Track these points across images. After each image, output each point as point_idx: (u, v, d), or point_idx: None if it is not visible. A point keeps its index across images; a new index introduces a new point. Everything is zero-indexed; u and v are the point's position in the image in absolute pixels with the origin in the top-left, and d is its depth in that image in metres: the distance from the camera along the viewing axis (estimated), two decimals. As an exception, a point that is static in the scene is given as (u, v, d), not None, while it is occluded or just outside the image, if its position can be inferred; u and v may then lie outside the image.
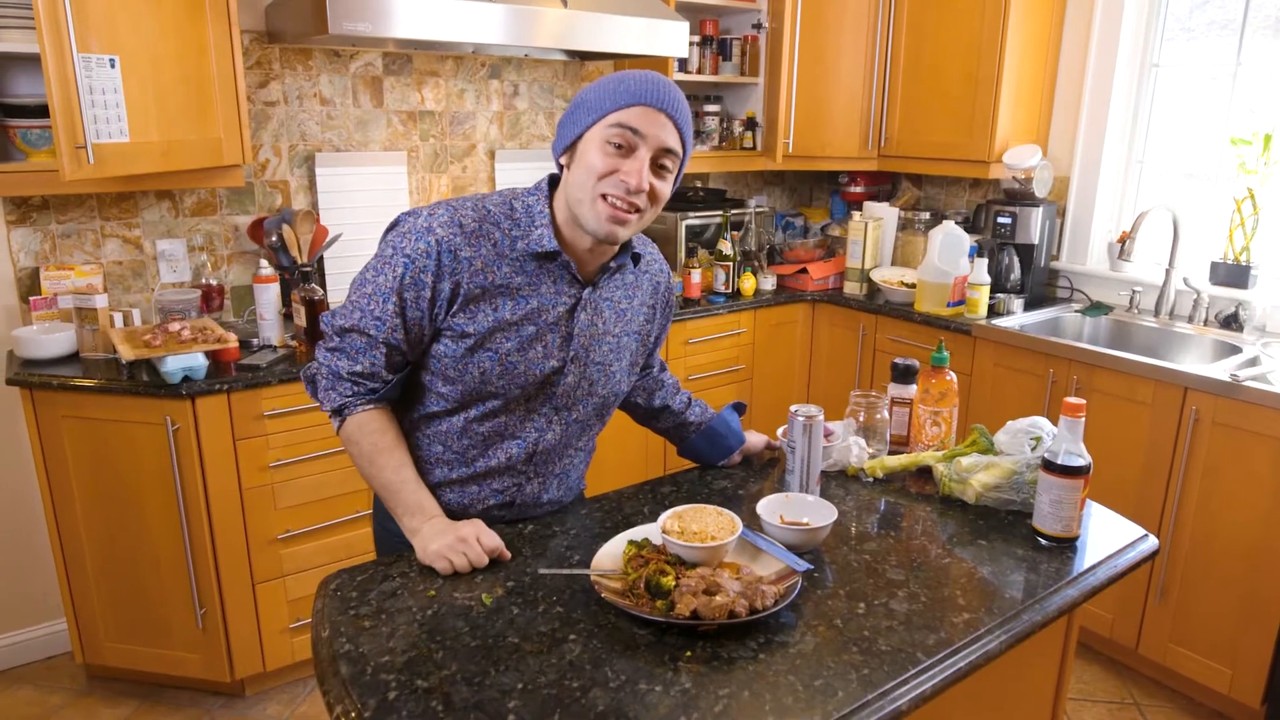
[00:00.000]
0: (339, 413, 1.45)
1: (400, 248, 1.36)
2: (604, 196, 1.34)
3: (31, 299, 2.54)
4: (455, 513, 1.50)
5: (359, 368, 1.41)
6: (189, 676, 2.58)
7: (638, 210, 1.36)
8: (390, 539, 1.54)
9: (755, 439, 1.82)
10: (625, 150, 1.33)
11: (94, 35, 2.05)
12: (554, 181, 1.46)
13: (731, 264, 3.51)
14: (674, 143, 1.36)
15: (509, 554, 1.39)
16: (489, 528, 1.40)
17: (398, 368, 1.44)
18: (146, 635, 2.53)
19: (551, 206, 1.43)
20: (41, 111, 2.31)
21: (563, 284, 1.44)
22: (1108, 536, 1.52)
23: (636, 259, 1.53)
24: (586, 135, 1.36)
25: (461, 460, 1.50)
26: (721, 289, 3.53)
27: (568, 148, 1.39)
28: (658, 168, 1.36)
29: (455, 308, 1.39)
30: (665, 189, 1.39)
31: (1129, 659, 2.81)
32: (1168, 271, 3.09)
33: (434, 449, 1.50)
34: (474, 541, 1.35)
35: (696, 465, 1.80)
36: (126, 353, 2.30)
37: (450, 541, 1.35)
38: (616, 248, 1.46)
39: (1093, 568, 1.42)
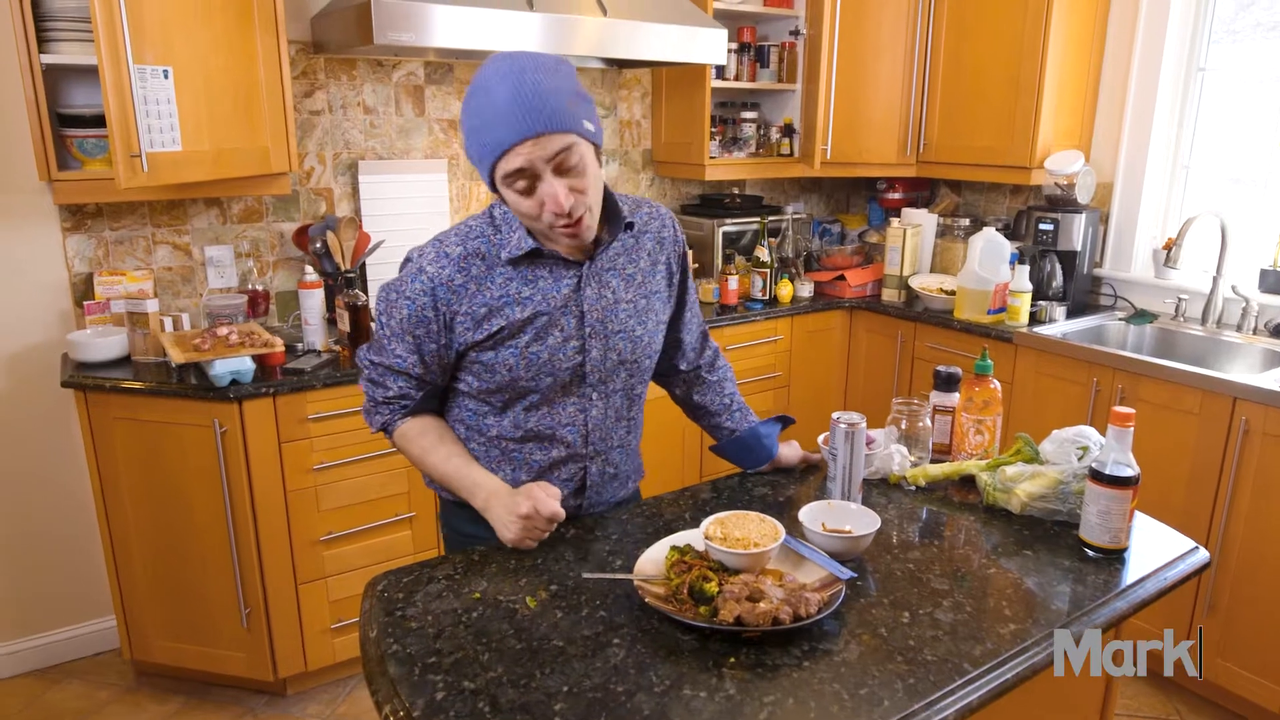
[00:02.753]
0: (385, 431, 1.59)
1: (401, 290, 1.44)
2: (550, 226, 1.37)
3: (85, 303, 2.61)
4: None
5: (391, 394, 1.53)
6: (233, 675, 2.63)
7: (582, 216, 1.37)
8: (458, 539, 1.61)
9: (789, 452, 1.79)
10: (530, 186, 1.33)
11: (149, 47, 2.11)
12: None
13: (769, 271, 3.51)
14: (562, 143, 1.31)
15: (563, 513, 1.45)
16: (543, 492, 1.44)
17: (429, 390, 1.54)
18: (193, 633, 2.58)
19: None
20: (97, 121, 2.37)
21: (559, 269, 1.47)
22: (1156, 549, 1.50)
23: (629, 226, 1.52)
24: (497, 186, 1.37)
25: (523, 463, 1.53)
26: (759, 296, 3.52)
27: (492, 190, 1.41)
28: (566, 170, 1.33)
29: (467, 329, 1.44)
30: (587, 179, 1.36)
31: (1176, 675, 2.75)
32: (1215, 279, 3.04)
33: (491, 457, 1.55)
34: (537, 519, 1.42)
35: (737, 471, 1.80)
36: (176, 356, 2.35)
37: (517, 534, 1.43)
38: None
39: (1141, 580, 1.40)
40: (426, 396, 1.54)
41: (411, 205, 3.14)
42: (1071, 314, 3.24)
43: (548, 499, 1.42)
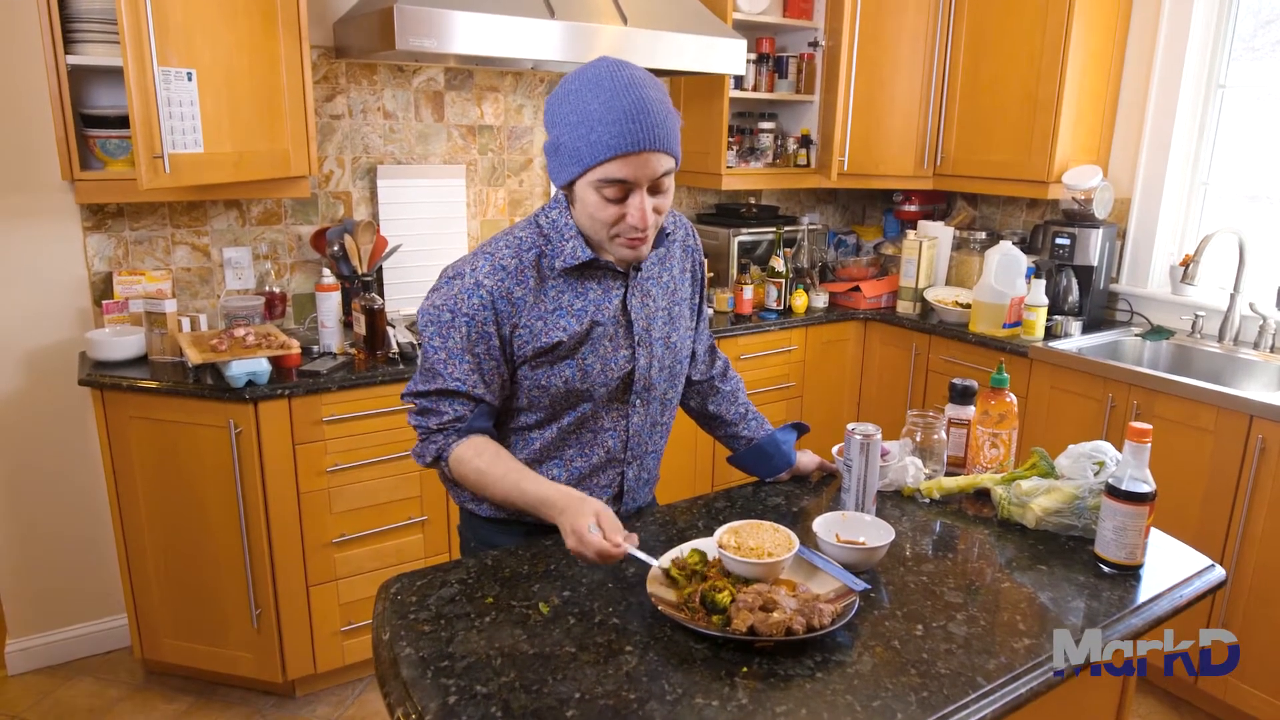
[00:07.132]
0: (440, 460, 1.48)
1: (457, 309, 1.40)
2: (616, 236, 1.38)
3: (104, 302, 2.63)
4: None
5: (446, 419, 1.45)
6: (243, 675, 2.63)
7: (648, 232, 1.38)
8: (484, 550, 1.56)
9: (807, 460, 1.81)
10: (622, 196, 1.34)
11: (173, 49, 2.13)
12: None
13: (784, 281, 3.51)
14: (665, 165, 1.34)
15: (618, 545, 1.28)
16: (598, 522, 1.30)
17: (484, 410, 1.47)
18: (203, 633, 2.59)
19: (574, 214, 1.44)
20: (121, 122, 2.39)
21: (607, 280, 1.48)
22: (1172, 565, 1.49)
23: (665, 234, 1.53)
24: (577, 183, 1.36)
25: (561, 466, 1.54)
26: (773, 306, 3.52)
27: (564, 185, 1.40)
28: (658, 189, 1.37)
29: (525, 342, 1.43)
30: (667, 199, 1.40)
31: (1188, 693, 2.73)
32: (1232, 296, 3.02)
33: (533, 463, 1.53)
34: (588, 542, 1.27)
35: (750, 480, 1.80)
36: (194, 356, 2.37)
37: (573, 545, 1.30)
38: None
39: (1156, 597, 1.39)
40: (479, 416, 1.47)
41: (429, 210, 3.16)
42: (1087, 329, 3.23)
43: (603, 529, 1.29)
